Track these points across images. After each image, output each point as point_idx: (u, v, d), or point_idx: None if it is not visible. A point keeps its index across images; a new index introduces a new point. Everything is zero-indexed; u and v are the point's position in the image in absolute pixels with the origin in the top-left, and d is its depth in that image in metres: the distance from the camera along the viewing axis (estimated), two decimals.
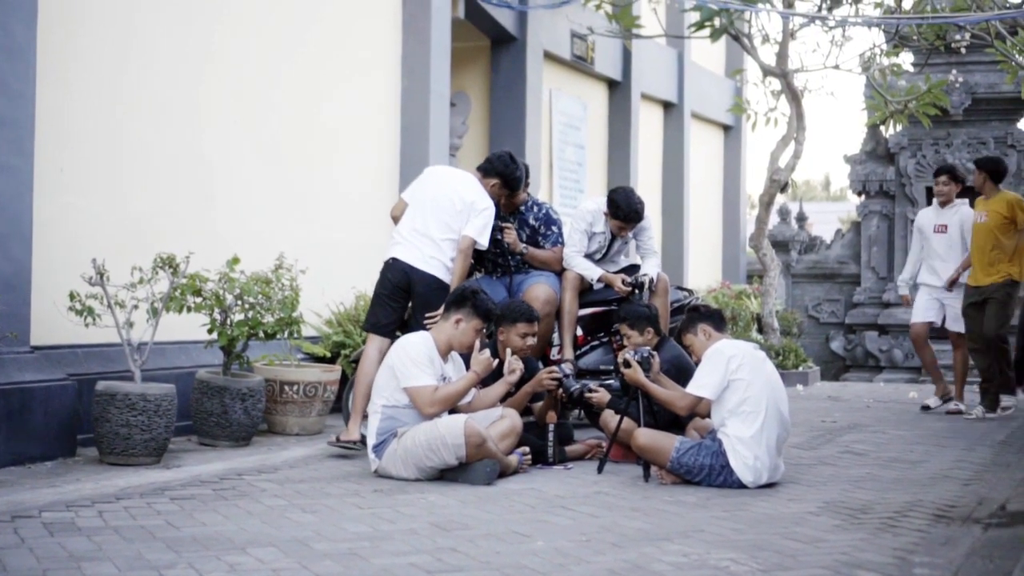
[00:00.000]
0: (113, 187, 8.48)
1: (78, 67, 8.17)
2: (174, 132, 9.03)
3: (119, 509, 6.03)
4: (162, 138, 8.91)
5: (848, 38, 16.75)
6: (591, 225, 9.32)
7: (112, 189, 8.47)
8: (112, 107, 8.47)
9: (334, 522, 5.76)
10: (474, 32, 14.16)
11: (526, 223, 9.19)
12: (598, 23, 15.70)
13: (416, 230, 8.19)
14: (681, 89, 19.72)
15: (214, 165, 9.42)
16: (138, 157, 8.70)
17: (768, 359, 7.38)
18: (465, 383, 7.27)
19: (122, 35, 8.55)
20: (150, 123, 8.80)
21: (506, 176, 8.65)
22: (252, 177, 9.83)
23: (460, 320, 7.32)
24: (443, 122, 12.02)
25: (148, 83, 8.78)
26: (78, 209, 8.15)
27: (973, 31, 15.47)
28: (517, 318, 7.94)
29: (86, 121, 8.25)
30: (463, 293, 7.46)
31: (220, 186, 9.49)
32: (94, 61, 8.31)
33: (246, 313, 8.19)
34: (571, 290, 9.15)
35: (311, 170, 10.58)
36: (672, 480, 7.07)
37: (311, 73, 10.63)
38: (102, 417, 7.27)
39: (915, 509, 6.41)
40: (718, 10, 14.20)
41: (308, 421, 8.93)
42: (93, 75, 8.30)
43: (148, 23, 8.79)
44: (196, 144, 9.25)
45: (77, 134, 8.17)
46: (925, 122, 16.33)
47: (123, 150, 8.57)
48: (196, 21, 9.24)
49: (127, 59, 8.60)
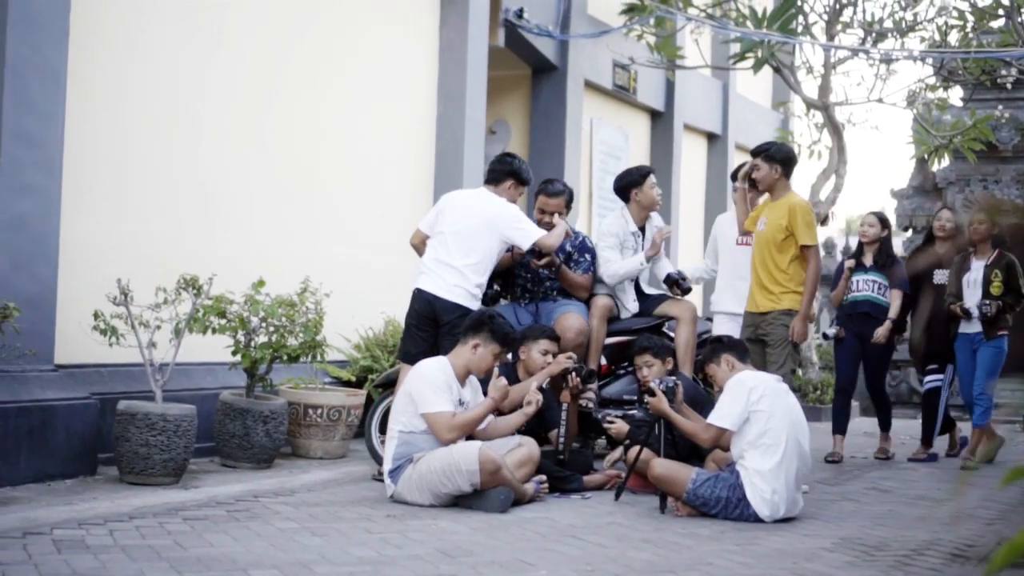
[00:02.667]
0: (140, 208, 8.55)
1: (107, 87, 8.26)
2: (205, 154, 9.10)
3: (130, 528, 6.06)
4: (192, 160, 8.98)
5: (893, 72, 16.65)
6: (618, 233, 9.30)
7: (139, 210, 8.54)
8: (142, 128, 8.55)
9: (341, 546, 5.75)
10: (515, 60, 14.20)
11: (562, 248, 9.09)
12: (640, 53, 15.69)
13: (439, 260, 8.19)
14: (725, 120, 19.66)
15: (246, 187, 9.48)
16: (166, 178, 8.77)
17: (790, 392, 7.32)
18: (483, 409, 7.27)
19: (155, 56, 8.63)
20: (180, 144, 8.88)
21: (512, 171, 8.54)
22: (285, 200, 9.89)
23: (478, 345, 7.33)
24: (478, 149, 12.04)
25: (179, 105, 8.86)
26: (104, 229, 8.22)
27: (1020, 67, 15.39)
28: (539, 335, 8.04)
29: (115, 142, 8.33)
30: (480, 318, 7.47)
31: (251, 209, 9.54)
32: (124, 81, 8.40)
33: (270, 336, 8.22)
34: (599, 318, 9.09)
35: (343, 194, 10.63)
36: (688, 512, 7.02)
37: (347, 97, 10.69)
38: (122, 436, 7.31)
39: (932, 548, 6.33)
40: (759, 42, 14.16)
41: (331, 445, 8.95)
42: (123, 96, 8.39)
43: (188, 45, 8.87)
44: (227, 166, 9.31)
45: (105, 155, 8.25)
46: (971, 157, 16.19)
47: (151, 171, 8.64)
48: (240, 42, 9.31)
49: (159, 80, 8.68)
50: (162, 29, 8.70)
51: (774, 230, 8.55)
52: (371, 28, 11.05)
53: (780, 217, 8.54)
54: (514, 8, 13.25)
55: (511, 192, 8.50)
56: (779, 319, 8.51)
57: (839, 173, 16.09)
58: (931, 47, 15.59)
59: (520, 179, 8.56)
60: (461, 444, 7.08)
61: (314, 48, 10.28)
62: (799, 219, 8.49)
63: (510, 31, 13.30)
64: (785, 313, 8.50)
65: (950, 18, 15.48)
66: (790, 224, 8.48)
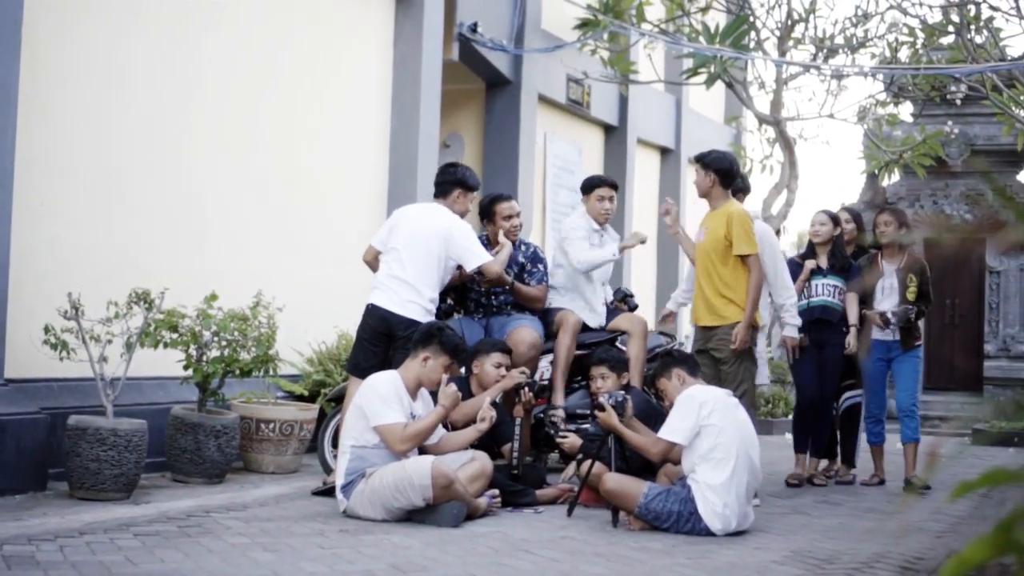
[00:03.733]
0: (92, 222, 8.50)
1: (59, 100, 8.21)
2: (157, 167, 9.05)
3: (81, 544, 6.01)
4: (144, 173, 8.94)
5: (844, 87, 16.82)
6: (584, 226, 9.32)
7: (91, 224, 8.49)
8: (94, 142, 8.50)
9: (293, 562, 5.73)
10: (469, 74, 14.22)
11: (515, 260, 9.13)
12: (594, 68, 15.76)
13: (394, 275, 8.20)
14: (678, 135, 19.77)
15: (198, 201, 9.44)
16: (119, 192, 8.72)
17: (740, 406, 7.36)
18: (434, 417, 7.29)
19: (104, 70, 8.59)
20: (132, 158, 8.83)
21: (458, 180, 8.56)
22: (237, 214, 9.86)
23: (428, 358, 7.34)
24: (431, 163, 12.05)
25: (131, 118, 8.81)
26: (57, 242, 8.17)
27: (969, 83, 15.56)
28: (491, 348, 8.11)
29: (68, 155, 8.28)
30: (430, 330, 7.49)
31: (203, 223, 9.50)
32: (76, 95, 8.35)
33: (222, 350, 8.19)
34: (571, 334, 9.07)
35: (297, 208, 10.60)
36: (640, 526, 7.04)
37: (300, 111, 10.67)
38: (73, 451, 7.26)
39: (882, 561, 6.39)
40: (712, 57, 14.26)
41: (284, 459, 8.92)
42: (75, 109, 8.34)
43: (132, 58, 8.83)
44: (179, 180, 9.27)
45: (57, 169, 8.19)
46: (920, 173, 16.36)
47: (104, 184, 8.59)
48: (182, 55, 9.28)
49: (109, 93, 8.63)
50: (115, 44, 8.66)
51: (713, 240, 8.46)
52: (325, 42, 11.04)
53: (718, 227, 8.44)
54: (468, 22, 13.27)
55: (461, 201, 8.54)
56: (728, 335, 8.38)
57: (791, 188, 16.20)
58: (881, 63, 15.74)
59: (466, 186, 8.59)
60: (414, 459, 7.09)
61: (267, 62, 10.25)
62: (736, 228, 8.36)
63: (464, 45, 13.33)
64: (732, 328, 8.37)
65: (900, 35, 15.65)
66: (728, 234, 8.37)
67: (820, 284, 9.90)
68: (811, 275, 9.92)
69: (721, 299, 8.43)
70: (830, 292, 9.87)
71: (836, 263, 9.94)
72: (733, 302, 8.40)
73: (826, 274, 9.91)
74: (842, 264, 9.97)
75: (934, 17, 14.92)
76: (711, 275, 8.49)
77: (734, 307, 8.40)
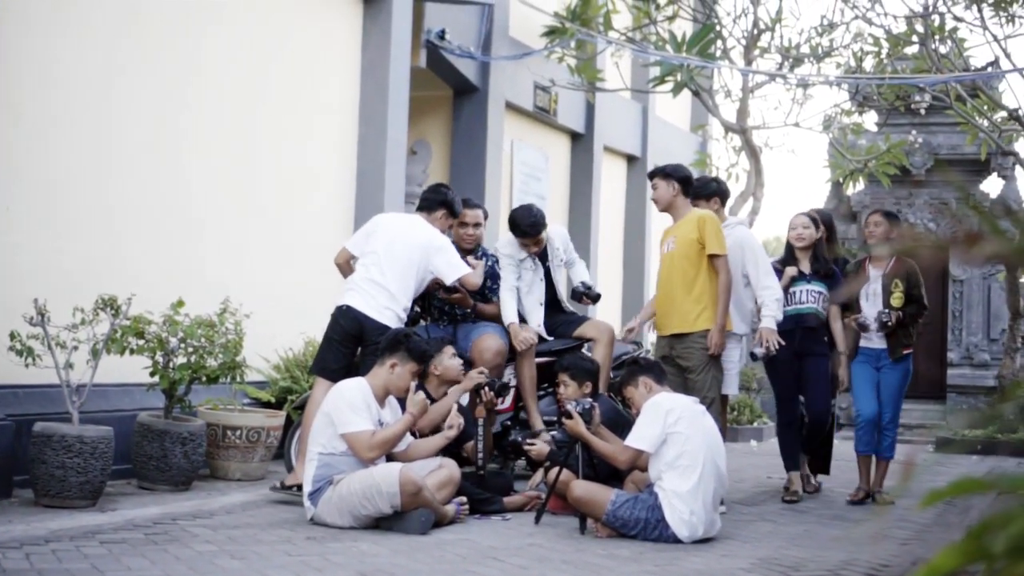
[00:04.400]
0: (58, 228, 8.46)
1: (25, 107, 8.17)
2: (123, 174, 9.02)
3: (47, 552, 5.97)
4: (110, 180, 8.90)
5: (810, 96, 16.92)
6: (512, 256, 9.20)
7: (57, 230, 8.45)
8: (60, 148, 8.46)
9: (260, 569, 5.72)
10: (436, 81, 14.23)
11: (490, 274, 9.18)
12: (561, 75, 15.81)
13: (372, 280, 8.20)
14: (645, 143, 19.82)
15: (164, 208, 9.40)
16: (85, 198, 8.68)
17: (707, 413, 7.39)
18: (403, 425, 7.28)
19: (68, 77, 8.55)
20: (98, 165, 8.79)
21: (445, 202, 8.62)
22: (203, 220, 9.82)
23: (395, 364, 7.33)
24: (399, 170, 12.05)
25: (94, 124, 8.78)
26: (23, 248, 8.12)
27: (934, 93, 15.69)
28: (440, 344, 8.11)
29: (33, 162, 8.23)
30: (396, 337, 7.49)
31: (170, 229, 9.47)
32: (41, 102, 8.31)
33: (189, 357, 8.16)
34: (528, 359, 9.07)
35: (263, 214, 10.58)
36: (607, 534, 7.06)
37: (267, 117, 10.65)
38: (38, 458, 7.21)
39: (849, 568, 6.43)
40: (679, 65, 14.32)
41: (250, 467, 8.89)
42: (40, 115, 8.30)
43: (97, 64, 8.79)
44: (145, 186, 9.23)
45: (23, 175, 8.15)
46: (885, 181, 16.49)
47: (70, 191, 8.55)
48: (148, 64, 9.25)
49: (73, 100, 8.59)
50: (82, 50, 8.62)
51: (685, 245, 8.40)
52: (292, 49, 11.02)
53: (689, 232, 8.39)
54: (436, 29, 13.28)
55: (442, 222, 8.60)
56: (697, 342, 8.34)
57: (756, 196, 16.29)
58: (847, 73, 15.86)
59: (452, 211, 8.68)
60: (382, 466, 7.08)
61: (234, 68, 10.23)
62: (708, 229, 8.35)
63: (432, 52, 13.33)
64: (702, 336, 8.32)
65: (865, 44, 15.77)
66: (700, 236, 8.33)
67: (803, 291, 9.33)
68: (792, 281, 9.32)
69: (697, 305, 8.36)
70: (814, 299, 9.30)
71: (820, 268, 9.43)
72: (703, 308, 8.35)
73: (809, 280, 9.36)
74: (826, 269, 9.44)
75: (899, 27, 15.06)
76: (686, 282, 8.40)
77: (708, 313, 8.34)
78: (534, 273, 9.26)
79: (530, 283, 9.26)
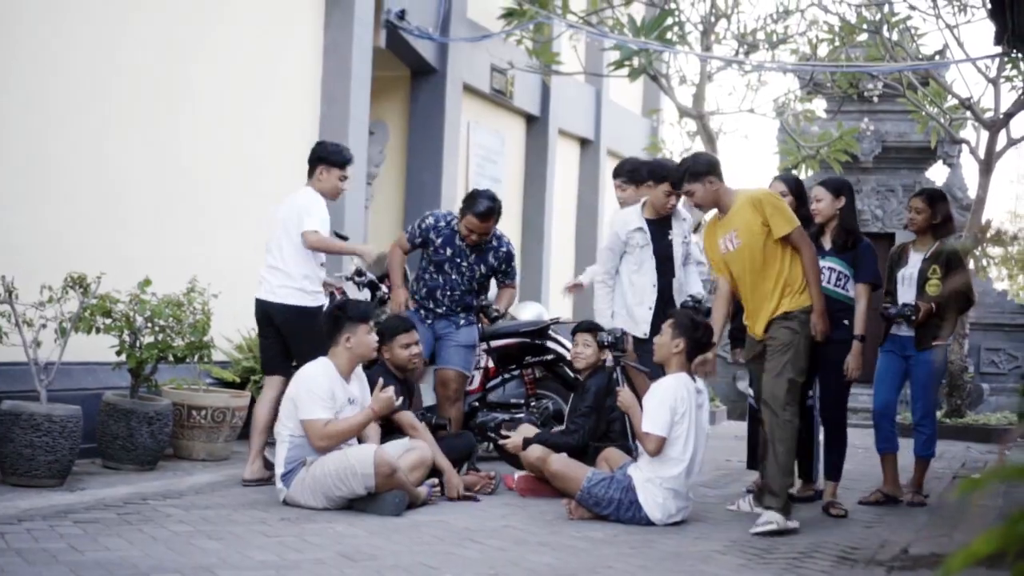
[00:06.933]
0: (26, 205, 8.36)
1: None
2: (89, 152, 8.93)
3: (22, 531, 5.92)
4: (78, 158, 8.81)
5: (764, 83, 17.03)
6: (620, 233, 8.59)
7: (25, 207, 8.35)
8: (28, 125, 8.36)
9: (240, 550, 5.70)
10: (395, 62, 14.17)
11: (484, 261, 8.75)
12: (518, 58, 15.80)
13: (268, 265, 8.24)
14: (598, 126, 19.86)
15: (129, 186, 9.32)
16: (53, 176, 8.59)
17: (705, 408, 7.26)
18: (361, 419, 7.23)
19: (36, 54, 8.46)
20: (65, 142, 8.70)
21: (318, 157, 8.32)
22: (167, 199, 9.74)
23: (349, 337, 7.29)
24: (361, 149, 12.00)
25: (63, 102, 8.68)
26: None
27: (886, 81, 15.84)
28: (395, 332, 7.96)
29: (0, 139, 8.13)
30: (332, 314, 7.43)
31: (135, 207, 9.39)
32: (9, 79, 8.21)
33: (156, 336, 8.11)
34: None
35: (227, 194, 10.51)
36: (580, 515, 7.10)
37: (229, 97, 10.57)
38: (6, 437, 7.14)
39: (819, 551, 6.49)
40: (637, 50, 14.36)
41: (215, 447, 8.84)
42: (7, 93, 8.20)
43: (58, 43, 8.69)
44: (110, 165, 9.15)
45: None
46: (836, 168, 16.64)
47: (38, 169, 8.46)
48: (108, 40, 9.15)
49: (42, 77, 8.49)
50: (39, 29, 8.52)
51: (750, 236, 7.20)
52: (254, 28, 10.93)
53: (750, 219, 7.19)
54: (396, 9, 13.22)
55: (326, 178, 8.29)
56: (780, 323, 7.22)
57: None
58: (801, 60, 15.97)
59: (327, 161, 8.32)
60: (356, 447, 7.08)
61: (196, 47, 10.14)
62: (768, 207, 7.17)
63: (391, 32, 13.27)
64: (783, 317, 7.20)
65: (820, 32, 15.89)
66: (765, 219, 7.15)
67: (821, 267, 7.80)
68: None
69: (791, 293, 7.25)
70: (832, 277, 8.09)
71: (841, 241, 8.24)
72: (796, 292, 7.24)
73: (825, 255, 8.13)
74: (848, 242, 8.23)
75: (853, 15, 15.19)
76: (767, 275, 7.25)
77: (788, 299, 7.23)
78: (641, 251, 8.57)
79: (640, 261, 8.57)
